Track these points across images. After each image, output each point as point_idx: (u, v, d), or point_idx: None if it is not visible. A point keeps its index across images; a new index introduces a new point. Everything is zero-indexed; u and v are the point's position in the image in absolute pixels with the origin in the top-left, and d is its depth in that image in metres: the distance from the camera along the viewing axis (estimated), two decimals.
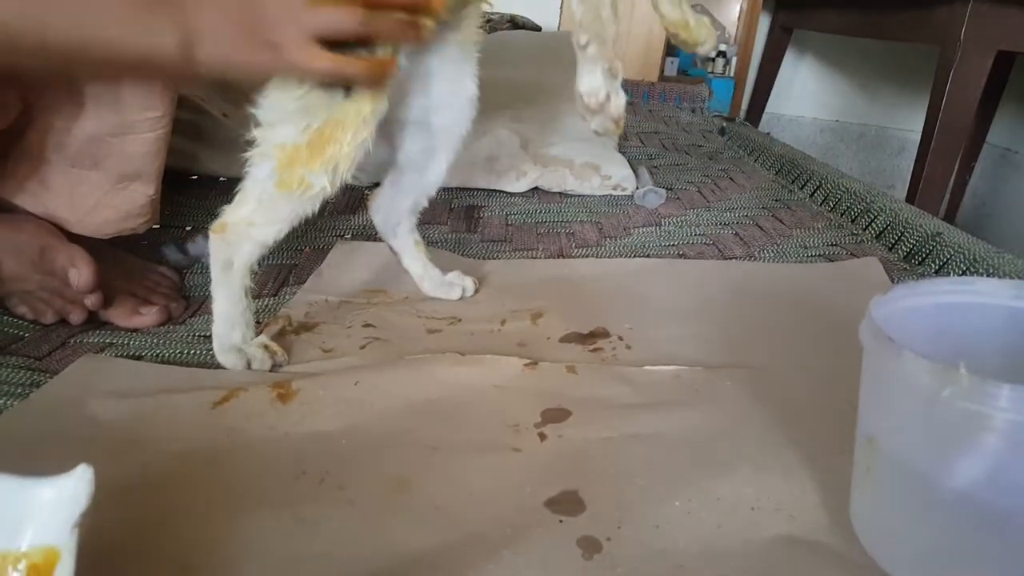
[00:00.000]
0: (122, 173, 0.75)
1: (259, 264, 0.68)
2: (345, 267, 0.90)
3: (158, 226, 0.93)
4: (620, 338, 0.76)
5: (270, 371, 0.67)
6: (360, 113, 0.62)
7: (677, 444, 0.58)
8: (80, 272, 0.70)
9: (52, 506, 0.32)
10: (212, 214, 0.67)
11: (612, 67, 0.63)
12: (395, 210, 0.81)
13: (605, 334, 0.76)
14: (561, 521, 0.49)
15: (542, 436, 0.59)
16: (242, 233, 0.66)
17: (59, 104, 0.71)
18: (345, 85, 0.61)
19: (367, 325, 0.76)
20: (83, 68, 0.61)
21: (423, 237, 0.83)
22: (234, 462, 0.54)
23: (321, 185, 0.64)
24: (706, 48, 0.68)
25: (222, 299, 0.68)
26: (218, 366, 0.68)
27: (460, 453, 0.56)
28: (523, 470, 0.55)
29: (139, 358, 0.69)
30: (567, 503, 0.51)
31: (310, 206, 0.65)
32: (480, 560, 0.45)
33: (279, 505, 0.50)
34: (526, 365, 0.68)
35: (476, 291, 0.85)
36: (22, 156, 0.73)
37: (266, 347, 0.69)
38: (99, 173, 0.74)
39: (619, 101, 0.64)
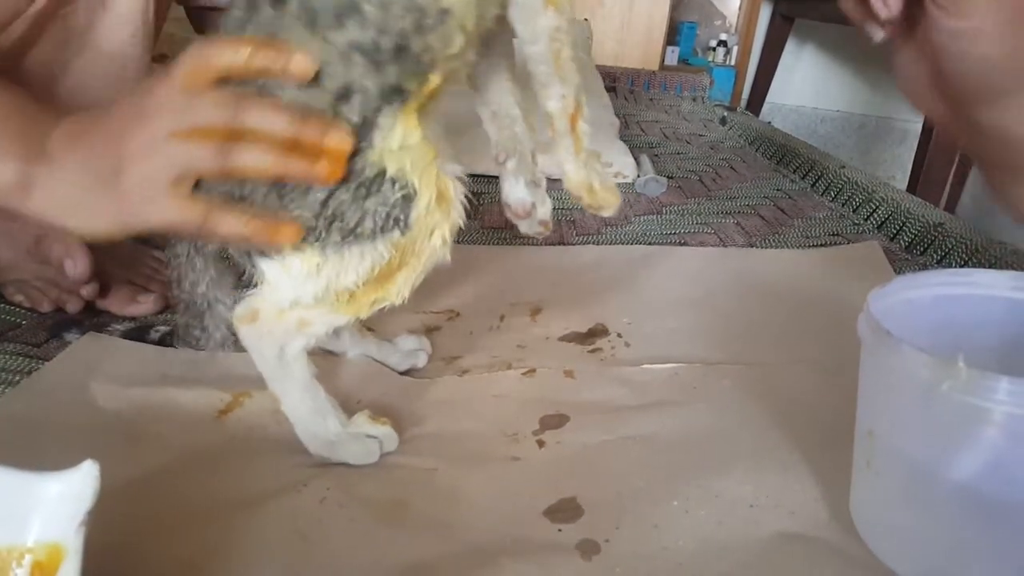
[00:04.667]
0: None
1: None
2: None
3: None
4: (619, 335, 0.75)
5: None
6: (430, 230, 0.53)
7: (675, 444, 0.58)
8: (76, 263, 0.70)
9: (58, 502, 0.32)
10: None
11: (534, 179, 0.64)
12: None
13: (604, 332, 0.76)
14: (560, 530, 0.49)
15: (540, 443, 0.59)
16: (290, 329, 0.54)
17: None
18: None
19: (367, 328, 0.75)
20: None
21: None
22: (237, 469, 0.54)
23: (397, 301, 0.55)
24: (607, 213, 0.61)
25: (290, 396, 0.55)
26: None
27: (460, 468, 0.56)
28: (522, 479, 0.55)
29: None
30: (566, 511, 0.51)
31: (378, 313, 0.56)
32: (479, 568, 0.46)
33: (281, 516, 0.49)
34: (524, 373, 0.68)
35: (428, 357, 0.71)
36: None
37: (368, 434, 0.57)
38: None
39: (545, 208, 0.65)
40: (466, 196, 0.55)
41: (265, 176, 0.49)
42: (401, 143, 0.50)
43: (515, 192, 0.64)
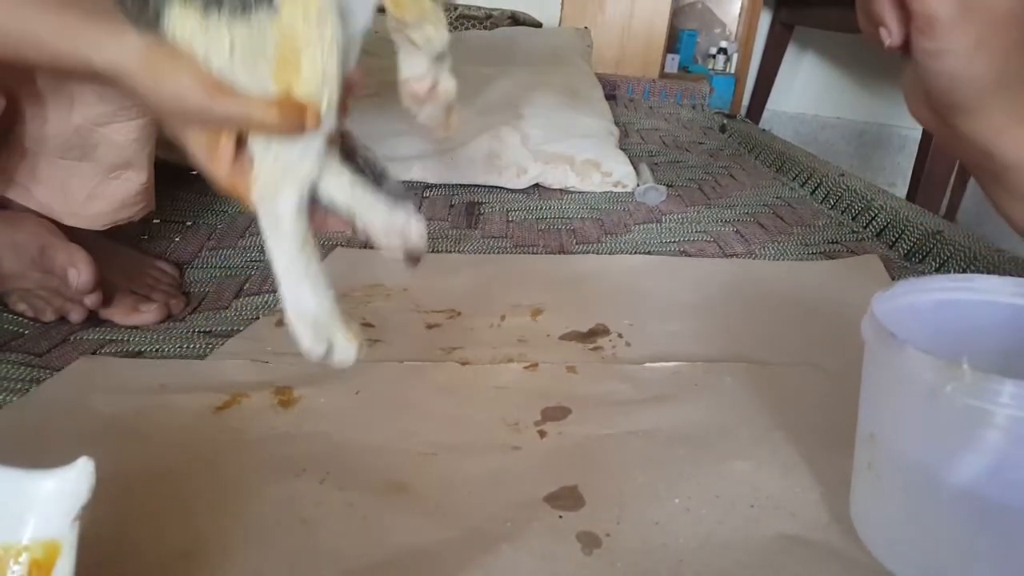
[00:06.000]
0: (112, 163, 0.75)
1: (259, 260, 0.66)
2: (343, 269, 0.90)
3: (158, 221, 0.93)
4: (620, 335, 0.76)
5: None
6: (298, 19, 0.49)
7: (676, 440, 0.58)
8: (79, 272, 0.70)
9: (53, 498, 0.32)
10: (213, 209, 0.66)
11: (440, 51, 0.55)
12: None
13: (605, 331, 0.76)
14: (561, 516, 0.49)
15: (542, 433, 0.59)
16: (277, 179, 0.53)
17: (44, 95, 0.70)
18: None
19: (366, 324, 0.76)
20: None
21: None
22: (235, 458, 0.55)
23: (323, 95, 0.51)
24: (419, 36, 0.54)
25: (279, 256, 0.54)
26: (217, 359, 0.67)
27: (460, 454, 0.56)
28: (523, 467, 0.55)
29: (139, 355, 0.69)
30: (567, 498, 0.51)
31: (329, 121, 0.52)
32: (480, 554, 0.46)
33: (280, 501, 0.50)
34: (526, 367, 0.68)
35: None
36: (10, 149, 0.72)
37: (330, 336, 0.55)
38: (89, 164, 0.74)
39: (448, 85, 0.56)
40: None
41: None
42: None
43: (414, 65, 0.55)
